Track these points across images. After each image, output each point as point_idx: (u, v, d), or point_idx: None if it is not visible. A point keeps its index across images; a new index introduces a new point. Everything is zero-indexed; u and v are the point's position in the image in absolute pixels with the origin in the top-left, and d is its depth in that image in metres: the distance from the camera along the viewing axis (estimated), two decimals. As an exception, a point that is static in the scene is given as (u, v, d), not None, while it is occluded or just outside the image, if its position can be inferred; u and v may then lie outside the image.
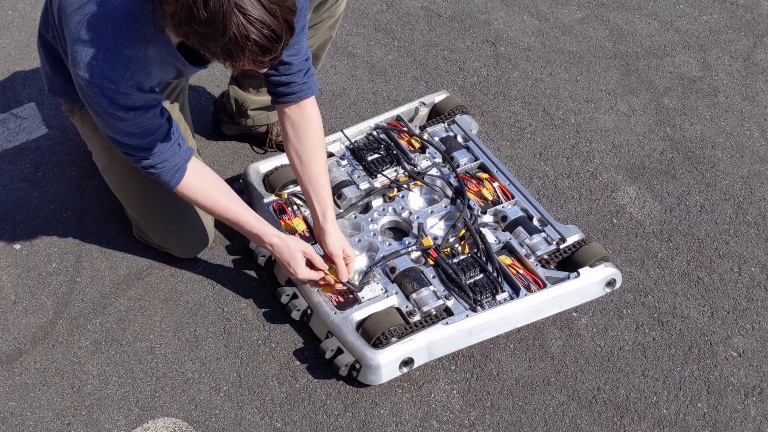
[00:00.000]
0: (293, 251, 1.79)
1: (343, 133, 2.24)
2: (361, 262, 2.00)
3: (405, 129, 2.28)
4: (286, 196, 2.07)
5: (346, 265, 1.85)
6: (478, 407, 1.82)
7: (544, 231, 2.03)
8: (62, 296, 1.98)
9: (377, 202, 2.12)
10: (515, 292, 1.90)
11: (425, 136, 2.28)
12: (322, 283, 1.86)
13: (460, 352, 1.89)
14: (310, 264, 1.82)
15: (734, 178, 2.37)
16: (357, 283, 1.89)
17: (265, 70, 1.48)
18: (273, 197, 2.07)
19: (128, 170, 1.88)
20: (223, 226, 2.15)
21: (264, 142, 2.35)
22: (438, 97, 2.39)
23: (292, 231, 2.01)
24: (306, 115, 1.84)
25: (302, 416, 1.78)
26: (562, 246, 2.01)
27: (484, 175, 2.18)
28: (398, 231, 2.12)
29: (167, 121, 1.67)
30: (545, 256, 1.99)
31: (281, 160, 2.18)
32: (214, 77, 2.57)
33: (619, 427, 1.80)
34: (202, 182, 1.76)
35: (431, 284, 1.90)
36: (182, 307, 1.97)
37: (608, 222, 2.23)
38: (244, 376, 1.85)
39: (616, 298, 2.04)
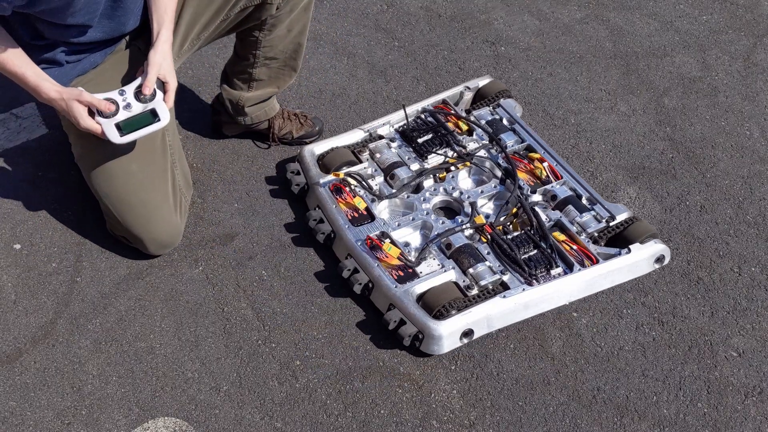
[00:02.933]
0: (68, 102, 1.78)
1: (404, 109, 2.31)
2: (415, 239, 2.07)
3: (452, 112, 2.34)
4: (342, 175, 2.13)
5: (165, 92, 1.84)
6: (478, 407, 1.82)
7: (593, 209, 2.08)
8: (62, 296, 1.98)
9: (428, 183, 2.19)
10: (568, 267, 1.97)
11: (472, 119, 2.33)
12: None
13: (460, 352, 1.90)
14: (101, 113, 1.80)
15: (734, 178, 2.37)
16: (412, 259, 1.97)
17: None
18: (329, 177, 2.14)
19: (101, 161, 1.92)
20: (225, 227, 2.15)
21: (266, 137, 2.36)
22: (482, 82, 2.47)
23: (354, 209, 2.08)
24: None
25: (302, 416, 1.78)
26: (611, 223, 2.06)
27: (537, 155, 2.23)
28: (449, 210, 2.18)
29: None
30: (595, 234, 2.05)
31: (335, 142, 2.26)
32: (214, 77, 2.57)
33: (619, 427, 1.80)
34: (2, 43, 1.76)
35: (486, 260, 1.96)
36: (182, 307, 1.97)
37: (608, 222, 2.23)
38: (244, 376, 1.85)
39: (616, 298, 2.04)
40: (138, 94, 1.82)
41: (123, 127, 1.80)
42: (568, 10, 2.96)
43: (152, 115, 1.82)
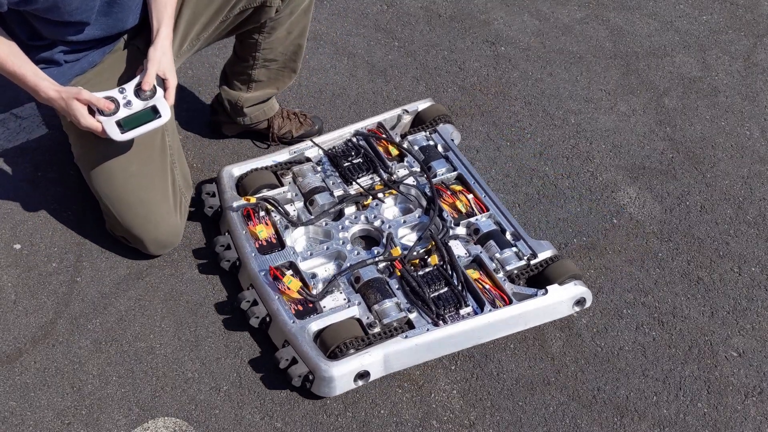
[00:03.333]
0: (68, 101, 1.77)
1: (313, 142, 2.21)
2: (330, 270, 1.97)
3: (384, 136, 2.25)
4: (254, 200, 2.02)
5: (165, 89, 1.82)
6: (478, 407, 1.82)
7: (515, 246, 1.99)
8: (62, 296, 1.98)
9: (350, 210, 2.09)
10: (480, 307, 1.86)
11: (405, 144, 2.24)
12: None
13: (460, 351, 1.89)
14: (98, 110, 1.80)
15: (734, 178, 2.37)
16: (315, 292, 1.86)
17: None
18: (242, 201, 2.03)
19: (101, 161, 1.91)
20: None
21: (266, 137, 2.35)
22: (422, 105, 2.36)
23: (255, 237, 1.98)
24: None
25: (302, 416, 1.78)
26: (532, 262, 1.97)
27: (458, 187, 2.15)
28: (370, 240, 2.08)
29: None
30: (515, 272, 1.96)
31: (255, 163, 2.16)
32: (214, 77, 2.56)
33: (619, 427, 1.80)
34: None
35: (395, 296, 1.86)
36: (182, 307, 1.97)
37: (608, 222, 2.23)
38: (244, 376, 1.85)
39: (616, 298, 2.04)
40: (138, 92, 1.82)
41: (124, 125, 1.79)
42: (568, 10, 2.96)
43: (153, 112, 1.82)
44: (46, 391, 1.80)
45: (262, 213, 2.03)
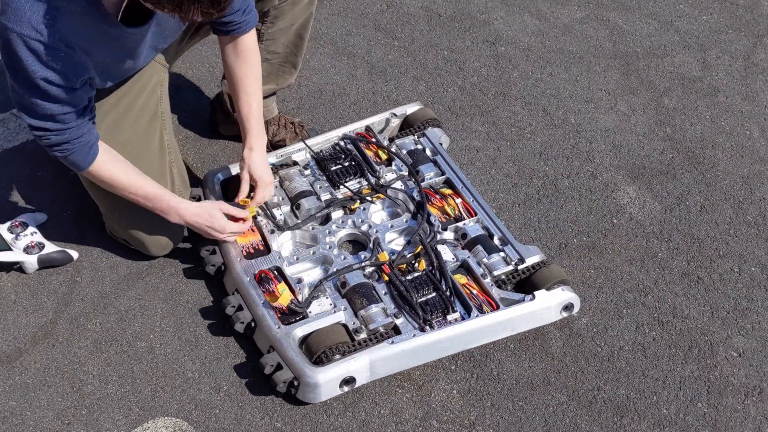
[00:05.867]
0: (211, 211, 1.88)
1: (305, 144, 2.20)
2: (316, 274, 1.96)
3: (373, 140, 2.24)
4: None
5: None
6: (478, 407, 1.82)
7: (503, 251, 1.97)
8: (62, 296, 1.98)
9: (337, 214, 2.08)
10: (467, 312, 1.85)
11: (393, 148, 2.23)
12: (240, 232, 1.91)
13: (461, 351, 1.89)
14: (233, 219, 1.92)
15: (734, 178, 2.37)
16: (303, 301, 1.85)
17: (212, 19, 1.51)
18: None
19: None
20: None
21: None
22: (410, 109, 2.35)
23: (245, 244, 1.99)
24: (243, 46, 1.93)
25: (302, 416, 1.78)
26: (520, 267, 1.95)
27: (448, 191, 2.14)
28: (358, 244, 2.07)
29: (88, 99, 1.70)
30: (503, 277, 1.94)
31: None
32: (214, 77, 2.57)
33: (619, 427, 1.80)
34: (116, 160, 1.79)
35: (382, 301, 1.85)
36: (182, 307, 1.97)
37: (608, 222, 2.23)
38: (244, 376, 1.85)
39: (616, 298, 2.04)
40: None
41: None
42: (568, 10, 2.96)
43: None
44: (46, 391, 1.80)
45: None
